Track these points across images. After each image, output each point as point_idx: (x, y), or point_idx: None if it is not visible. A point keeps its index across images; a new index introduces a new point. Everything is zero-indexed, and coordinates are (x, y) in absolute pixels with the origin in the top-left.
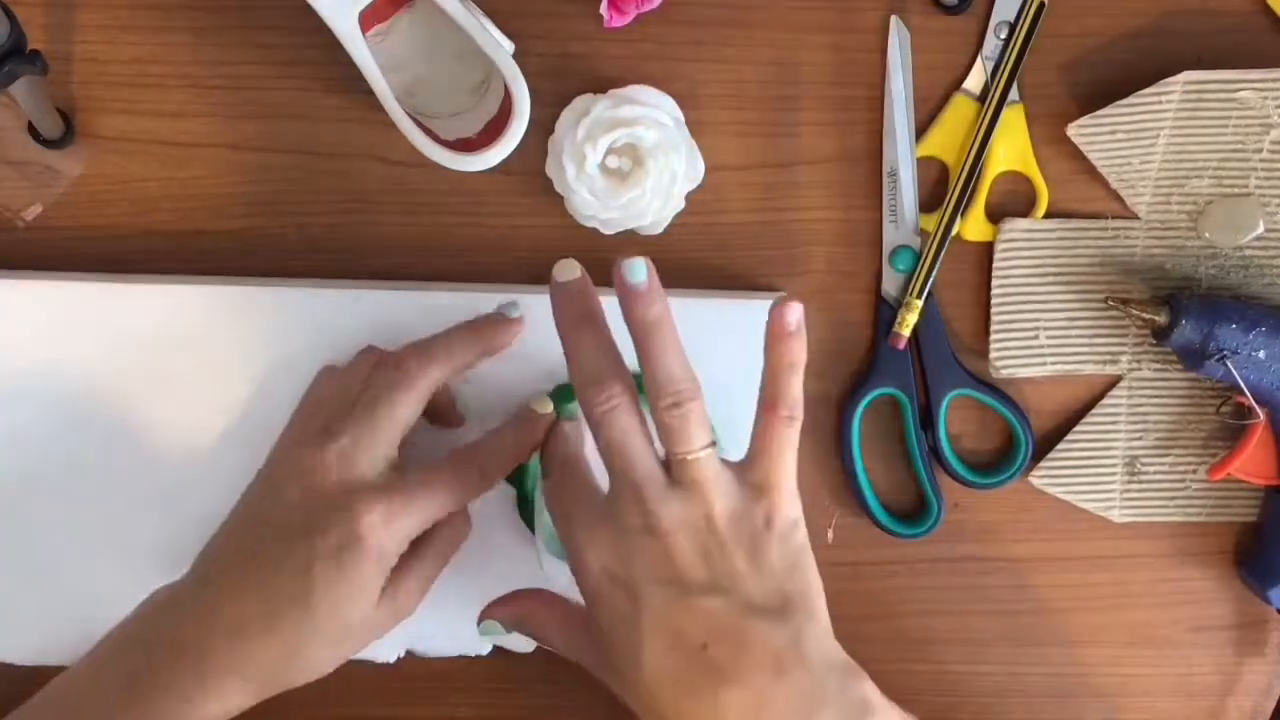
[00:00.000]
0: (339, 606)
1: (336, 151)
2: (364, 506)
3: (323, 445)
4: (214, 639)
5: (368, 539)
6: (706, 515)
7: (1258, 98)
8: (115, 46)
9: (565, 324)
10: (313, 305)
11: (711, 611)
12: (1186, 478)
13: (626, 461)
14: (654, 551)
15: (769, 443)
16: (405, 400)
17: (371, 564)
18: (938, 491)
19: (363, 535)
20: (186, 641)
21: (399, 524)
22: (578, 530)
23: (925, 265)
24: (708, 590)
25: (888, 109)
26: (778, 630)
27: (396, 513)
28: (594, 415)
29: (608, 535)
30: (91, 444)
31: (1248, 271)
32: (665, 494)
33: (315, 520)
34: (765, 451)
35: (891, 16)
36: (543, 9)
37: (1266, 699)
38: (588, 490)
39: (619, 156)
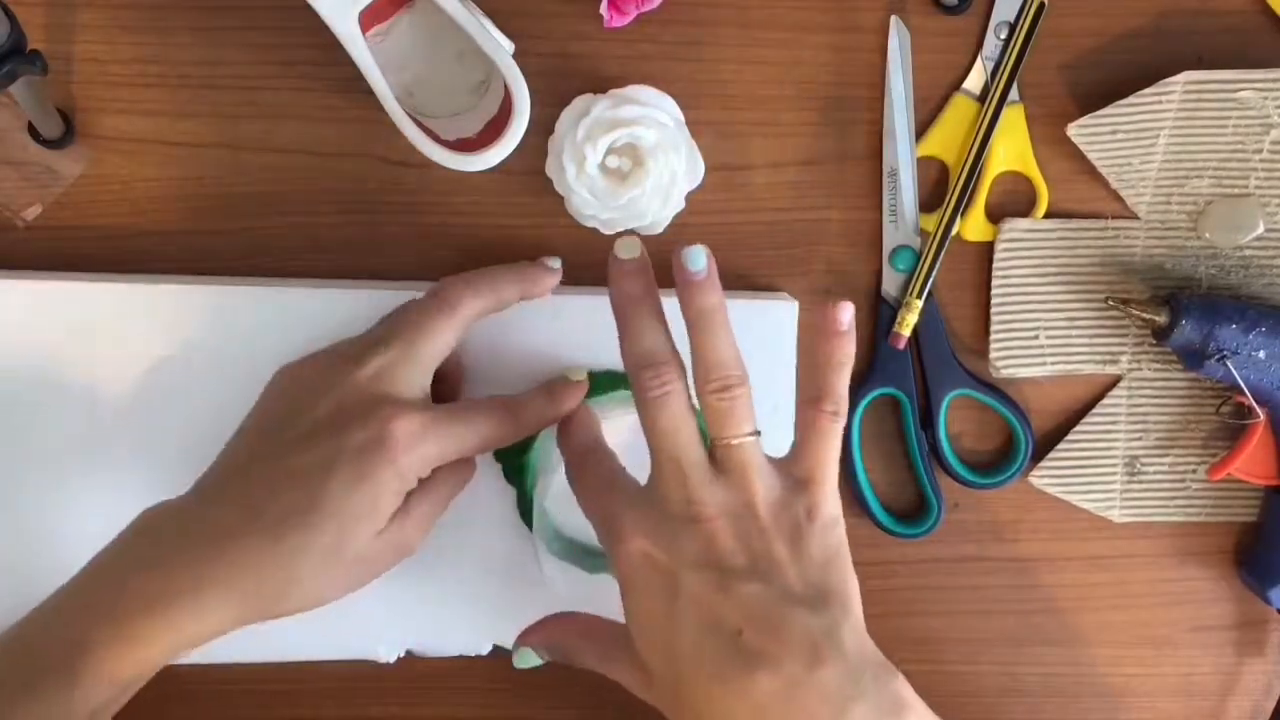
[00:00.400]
0: (349, 520)
1: (336, 151)
2: (398, 412)
3: (360, 361)
4: (201, 548)
5: (396, 444)
6: (749, 502)
7: (1258, 98)
8: (115, 46)
9: (623, 301)
10: (313, 305)
11: (750, 597)
12: (1186, 478)
13: (675, 445)
14: (696, 537)
15: (813, 437)
16: (446, 326)
17: (391, 474)
18: (938, 491)
19: (393, 438)
20: (165, 557)
21: (428, 444)
22: (615, 515)
23: (925, 265)
24: (747, 576)
25: (888, 109)
26: (815, 619)
27: (427, 431)
28: (647, 396)
29: (649, 520)
30: (91, 444)
31: (1248, 271)
32: (709, 479)
33: (344, 420)
34: (809, 445)
35: (891, 16)
36: (543, 9)
37: (1266, 699)
38: (621, 475)
39: (619, 156)
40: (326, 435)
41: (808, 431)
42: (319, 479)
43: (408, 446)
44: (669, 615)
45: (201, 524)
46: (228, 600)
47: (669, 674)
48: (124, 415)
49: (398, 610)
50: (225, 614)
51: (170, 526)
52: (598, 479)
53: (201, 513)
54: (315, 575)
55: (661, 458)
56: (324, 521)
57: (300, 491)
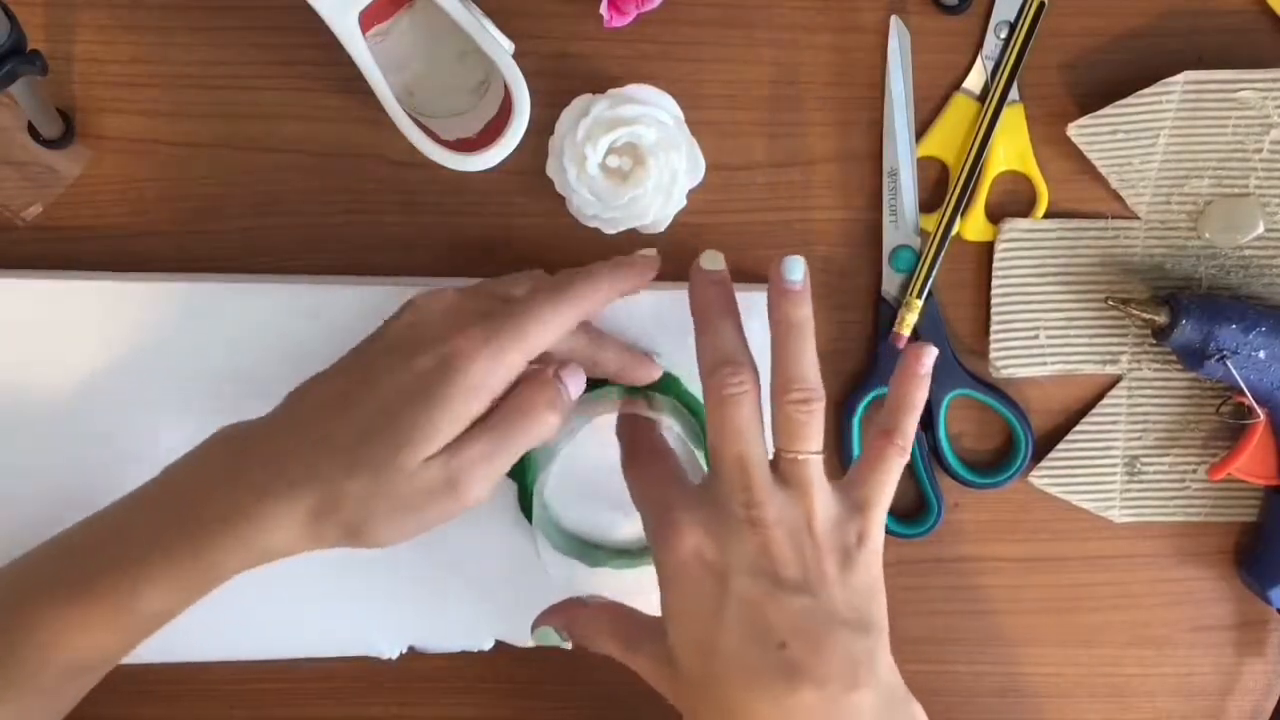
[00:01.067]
0: (401, 438)
1: (336, 151)
2: (462, 335)
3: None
4: (265, 465)
5: (456, 359)
6: (807, 517)
7: (1258, 98)
8: (115, 46)
9: (704, 309)
10: (313, 305)
11: (799, 611)
12: (1186, 478)
13: (743, 448)
14: (753, 542)
15: (877, 466)
16: (555, 324)
17: (449, 391)
18: (938, 492)
19: (455, 355)
20: (232, 473)
21: (490, 351)
22: (671, 508)
23: (925, 265)
24: (798, 589)
25: (888, 109)
26: (857, 643)
27: (489, 340)
28: (721, 395)
29: (705, 518)
30: (91, 443)
31: (1248, 271)
32: (772, 488)
33: (414, 350)
34: (872, 473)
35: (892, 16)
36: (543, 9)
37: (1266, 699)
38: (680, 473)
39: (619, 156)
40: (395, 364)
41: (874, 461)
42: (375, 400)
43: (467, 360)
44: (715, 615)
45: (267, 443)
46: (290, 519)
47: (703, 672)
48: (124, 415)
49: (399, 606)
50: (290, 533)
51: (239, 445)
52: (655, 470)
53: (268, 432)
54: (364, 501)
55: (727, 457)
56: (372, 443)
57: (358, 411)
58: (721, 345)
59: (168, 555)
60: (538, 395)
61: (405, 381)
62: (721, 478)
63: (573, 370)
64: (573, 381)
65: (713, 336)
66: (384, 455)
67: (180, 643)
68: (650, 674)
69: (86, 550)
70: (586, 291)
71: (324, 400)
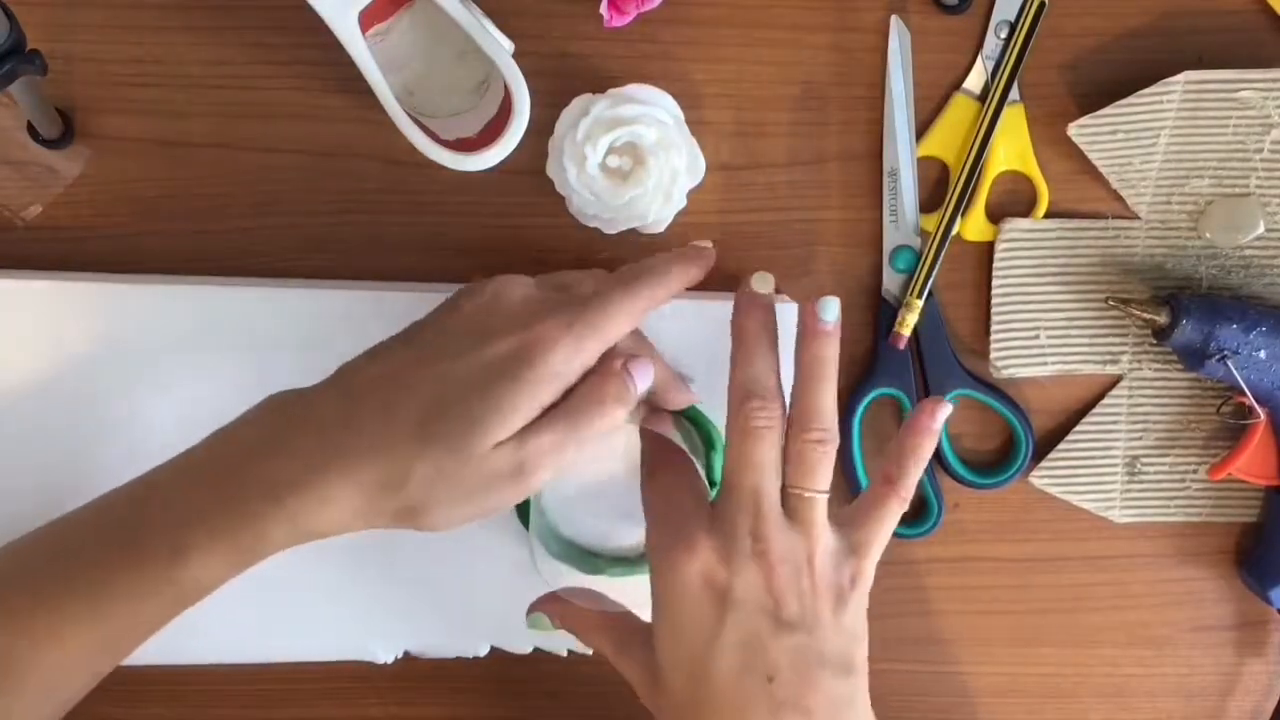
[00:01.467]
0: (471, 421)
1: (336, 151)
2: (541, 325)
3: (540, 316)
4: (321, 436)
5: (534, 348)
6: (809, 555)
7: (1258, 98)
8: (115, 46)
9: (745, 331)
10: (313, 305)
11: (793, 649)
12: (1187, 478)
13: (760, 481)
14: (757, 574)
15: (876, 512)
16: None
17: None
18: (938, 492)
19: (532, 345)
20: (285, 443)
21: (568, 341)
22: (687, 524)
23: (925, 265)
24: (794, 627)
25: (888, 109)
26: (841, 685)
27: (568, 329)
28: (746, 425)
29: (715, 543)
30: (91, 443)
31: (1248, 271)
32: (781, 523)
33: (492, 335)
34: (870, 518)
35: (892, 16)
36: (543, 9)
37: (1266, 699)
38: (699, 491)
39: (619, 156)
40: (470, 345)
41: (874, 506)
42: (450, 380)
43: (547, 348)
44: (711, 640)
45: (320, 413)
46: (345, 493)
47: (689, 693)
48: (124, 414)
49: (395, 611)
50: (344, 508)
51: (294, 413)
52: (677, 481)
53: (325, 402)
54: (431, 481)
55: (742, 488)
56: (445, 420)
57: (428, 389)
58: (758, 376)
59: (210, 526)
60: (608, 386)
61: (482, 363)
62: (734, 505)
63: (641, 364)
64: (640, 375)
65: (750, 365)
66: (457, 435)
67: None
68: (635, 680)
69: (126, 517)
70: (658, 283)
71: (386, 375)
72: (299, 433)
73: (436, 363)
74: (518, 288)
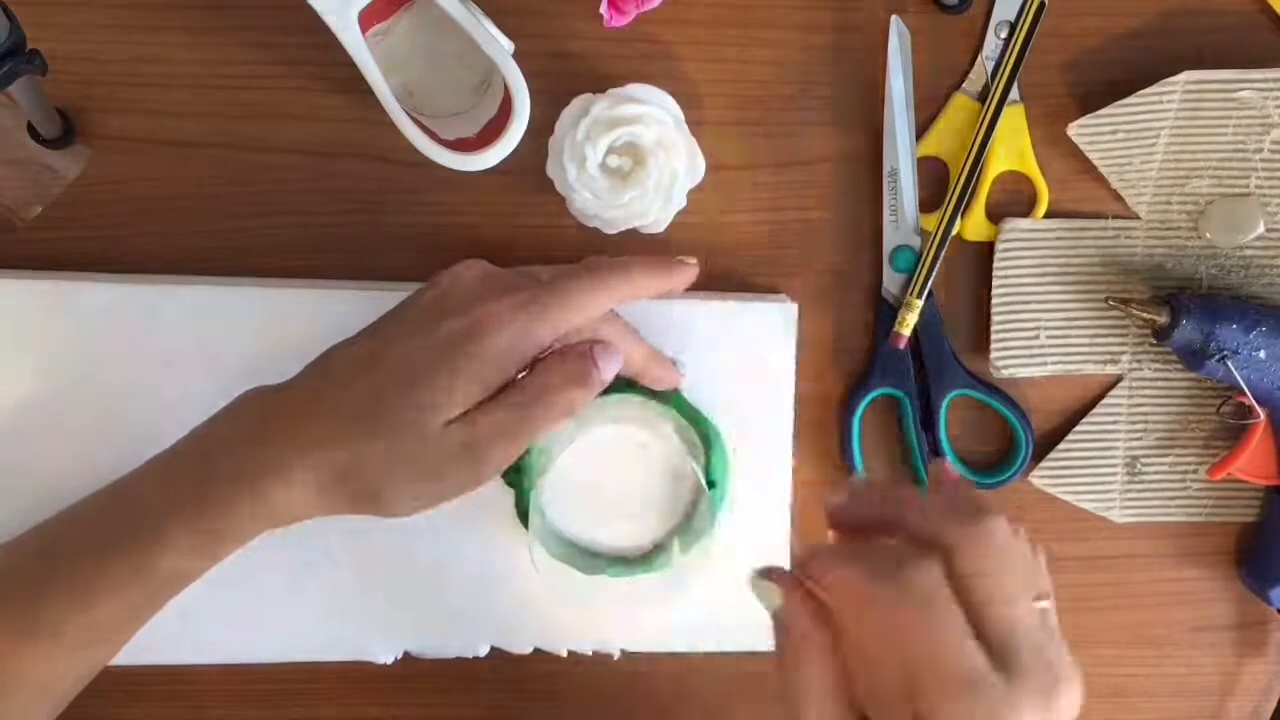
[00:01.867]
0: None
1: (336, 151)
2: (494, 303)
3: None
4: (285, 426)
5: (483, 326)
6: None
7: (1258, 98)
8: (115, 46)
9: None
10: (313, 305)
11: None
12: (1187, 478)
13: None
14: None
15: None
16: (585, 306)
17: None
18: None
19: (482, 322)
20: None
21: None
22: None
23: (925, 265)
24: None
25: (888, 109)
26: None
27: (519, 310)
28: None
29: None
30: (91, 443)
31: (1248, 271)
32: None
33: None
34: None
35: (892, 16)
36: (543, 9)
37: (1266, 699)
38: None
39: (619, 156)
40: (423, 327)
41: None
42: (401, 362)
43: (495, 326)
44: None
45: (287, 404)
46: (309, 478)
47: None
48: (123, 415)
49: (395, 612)
50: (306, 493)
51: (261, 406)
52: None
53: (291, 394)
54: (383, 464)
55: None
56: (396, 401)
57: (381, 374)
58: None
59: (185, 514)
60: (567, 367)
61: (430, 344)
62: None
63: (609, 351)
64: (607, 361)
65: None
66: (404, 416)
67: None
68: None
69: (107, 510)
70: (617, 282)
71: (347, 363)
72: (269, 422)
73: (388, 348)
74: (470, 271)
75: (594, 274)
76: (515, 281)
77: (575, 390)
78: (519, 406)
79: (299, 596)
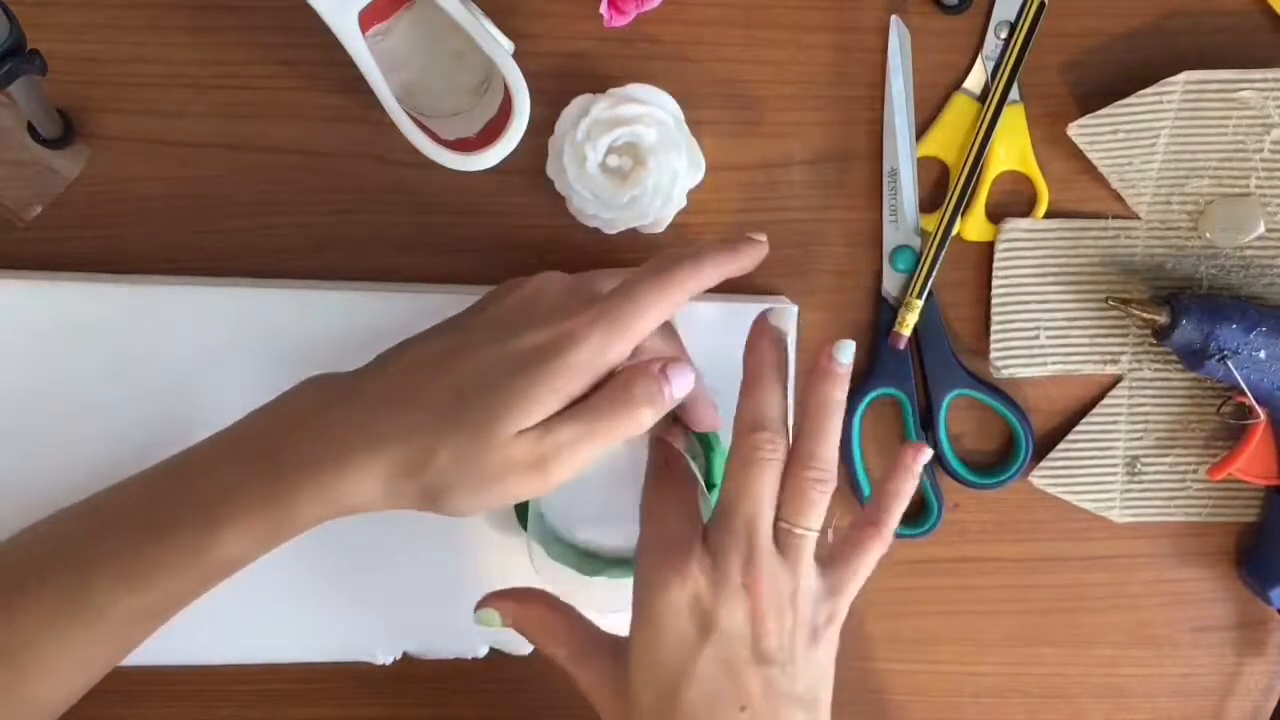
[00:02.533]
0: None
1: (336, 151)
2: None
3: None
4: (351, 416)
5: (565, 342)
6: (793, 592)
7: (1258, 98)
8: (115, 46)
9: (761, 366)
10: (313, 305)
11: (767, 681)
12: (1187, 478)
13: (755, 512)
14: (744, 607)
15: (858, 554)
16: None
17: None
18: (938, 492)
19: (563, 339)
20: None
21: (594, 337)
22: (677, 547)
23: (925, 265)
24: (770, 660)
25: (888, 109)
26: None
27: (594, 324)
28: (753, 456)
29: (705, 568)
30: (90, 444)
31: (1248, 271)
32: (772, 557)
33: (525, 325)
34: (852, 559)
35: (892, 17)
36: (543, 9)
37: (1266, 699)
38: (696, 514)
39: (619, 156)
40: (504, 335)
41: (856, 547)
42: (483, 366)
43: (575, 342)
44: (688, 662)
45: (354, 394)
46: (373, 471)
47: (655, 711)
48: (123, 415)
49: (394, 613)
50: (371, 487)
51: (331, 393)
52: (677, 499)
53: (358, 385)
54: (452, 464)
55: (738, 518)
56: (469, 405)
57: (458, 374)
58: (767, 410)
59: (245, 499)
60: (637, 386)
61: (512, 352)
62: (729, 534)
63: (680, 368)
64: (678, 380)
65: (762, 397)
66: (480, 420)
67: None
68: (594, 690)
69: (164, 490)
70: (688, 278)
71: (421, 360)
72: (334, 412)
73: (470, 350)
74: (553, 284)
75: (666, 276)
76: (593, 290)
77: (644, 408)
78: (591, 422)
79: (299, 597)
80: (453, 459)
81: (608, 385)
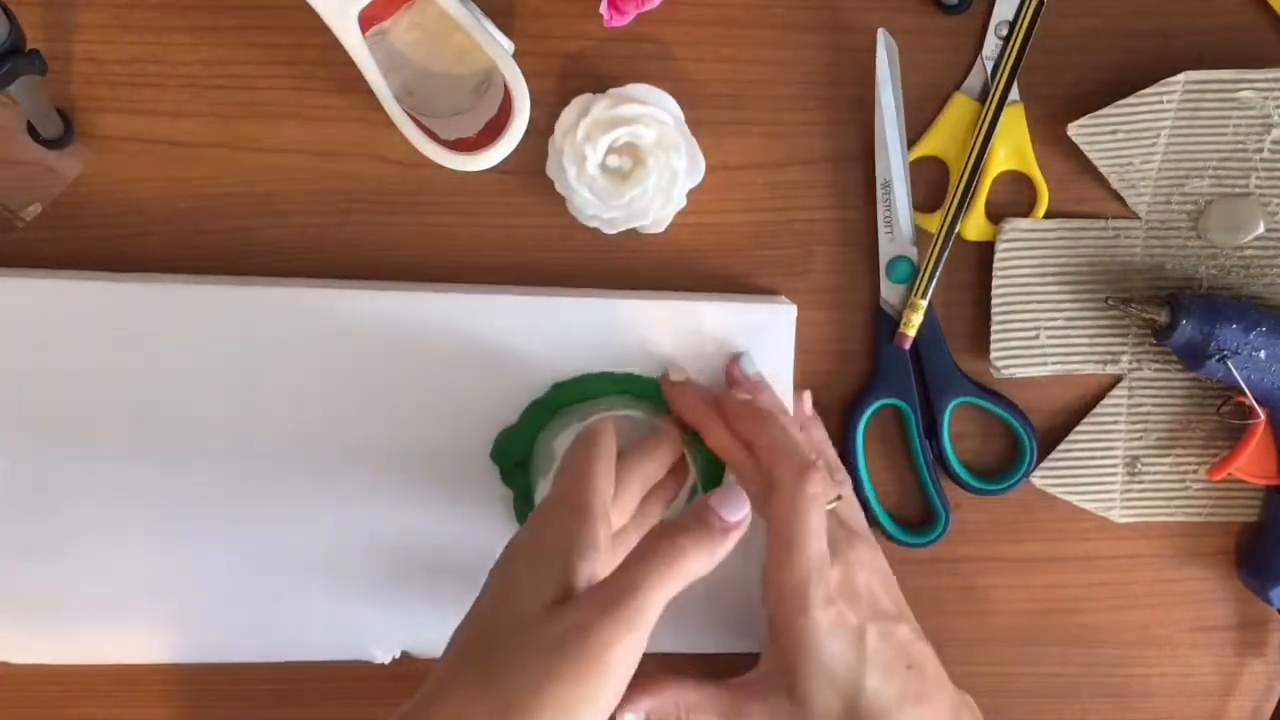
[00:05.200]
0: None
1: (336, 151)
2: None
3: (569, 573)
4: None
5: (588, 638)
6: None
7: (1258, 98)
8: (115, 46)
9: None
10: (313, 305)
11: (901, 634)
12: (1187, 478)
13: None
14: (864, 598)
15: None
16: (663, 591)
17: (598, 666)
18: (944, 501)
19: (587, 638)
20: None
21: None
22: (813, 579)
23: (929, 265)
24: (886, 616)
25: (878, 122)
26: (922, 642)
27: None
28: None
29: (828, 584)
30: (90, 444)
31: (1248, 271)
32: (851, 539)
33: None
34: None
35: (879, 30)
36: (543, 9)
37: (1266, 699)
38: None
39: (619, 156)
40: (535, 626)
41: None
42: (520, 678)
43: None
44: (857, 664)
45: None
46: None
47: (846, 712)
48: (123, 414)
49: (393, 612)
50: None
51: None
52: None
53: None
54: None
55: (811, 553)
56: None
57: (516, 683)
58: (799, 447)
59: None
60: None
61: (542, 657)
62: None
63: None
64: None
65: (785, 436)
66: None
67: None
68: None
69: None
70: (675, 576)
71: (468, 679)
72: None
73: (492, 652)
74: None
75: (656, 588)
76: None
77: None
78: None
79: (299, 597)
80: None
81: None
